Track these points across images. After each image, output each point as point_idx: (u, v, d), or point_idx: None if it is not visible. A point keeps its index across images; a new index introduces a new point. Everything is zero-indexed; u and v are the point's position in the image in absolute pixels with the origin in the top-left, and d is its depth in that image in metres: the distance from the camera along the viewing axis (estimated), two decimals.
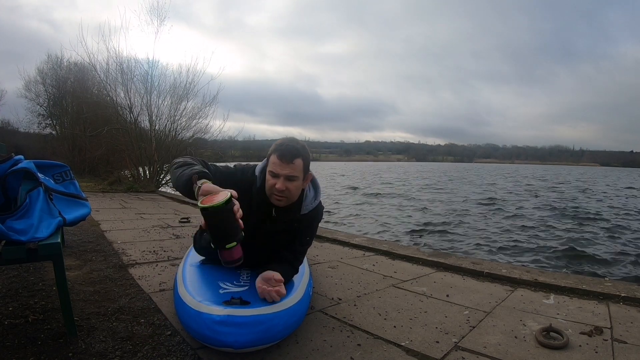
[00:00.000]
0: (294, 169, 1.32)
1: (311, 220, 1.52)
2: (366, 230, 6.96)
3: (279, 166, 1.32)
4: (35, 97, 14.37)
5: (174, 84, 8.91)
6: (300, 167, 1.34)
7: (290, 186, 1.33)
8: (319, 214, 1.55)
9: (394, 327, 1.51)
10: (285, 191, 1.33)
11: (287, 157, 1.31)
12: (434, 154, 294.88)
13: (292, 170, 1.32)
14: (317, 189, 1.53)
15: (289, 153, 1.32)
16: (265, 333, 1.14)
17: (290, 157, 1.31)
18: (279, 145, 1.35)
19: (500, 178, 29.94)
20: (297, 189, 1.37)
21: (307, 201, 1.47)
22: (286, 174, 1.32)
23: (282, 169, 1.31)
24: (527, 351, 1.33)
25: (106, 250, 2.52)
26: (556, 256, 5.04)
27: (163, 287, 1.82)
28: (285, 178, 1.32)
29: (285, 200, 1.37)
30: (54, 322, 1.36)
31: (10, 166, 1.49)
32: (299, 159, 1.33)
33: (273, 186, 1.33)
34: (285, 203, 1.39)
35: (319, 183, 1.55)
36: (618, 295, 1.90)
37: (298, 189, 1.38)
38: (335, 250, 2.95)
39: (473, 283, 2.19)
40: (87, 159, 11.36)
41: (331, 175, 30.90)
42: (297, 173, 1.34)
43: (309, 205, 1.47)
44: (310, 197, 1.48)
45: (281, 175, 1.32)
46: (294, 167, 1.32)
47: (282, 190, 1.32)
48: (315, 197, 1.50)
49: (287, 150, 1.32)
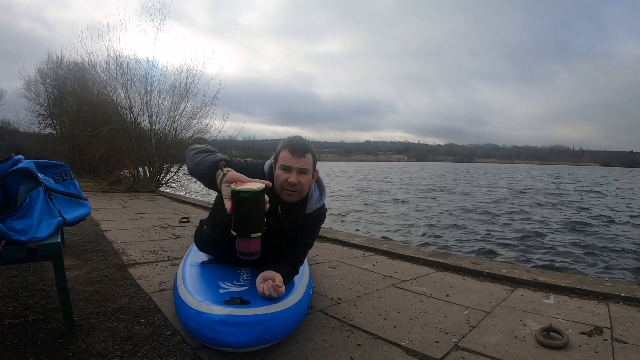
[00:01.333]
0: (305, 163, 1.37)
1: (314, 221, 1.54)
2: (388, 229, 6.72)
3: (291, 160, 1.35)
4: (35, 97, 14.37)
5: (174, 83, 8.91)
6: (311, 161, 1.39)
7: (302, 180, 1.37)
8: (322, 215, 1.58)
9: (394, 327, 1.51)
10: (297, 185, 1.36)
11: (299, 151, 1.36)
12: (434, 154, 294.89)
13: (303, 164, 1.36)
14: (323, 190, 1.55)
15: (300, 148, 1.37)
16: (265, 333, 1.14)
17: (301, 151, 1.36)
18: (289, 142, 1.39)
19: (531, 179, 27.37)
20: (307, 184, 1.41)
21: (312, 201, 1.49)
22: (299, 167, 1.35)
23: (294, 162, 1.35)
24: (527, 351, 1.33)
25: (106, 250, 2.52)
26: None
27: (163, 287, 1.82)
28: (298, 172, 1.35)
29: (296, 195, 1.39)
30: (54, 322, 1.36)
31: (10, 166, 1.48)
32: (309, 153, 1.39)
33: (285, 181, 1.35)
34: (297, 198, 1.41)
35: (324, 184, 1.57)
36: (618, 295, 1.90)
37: (309, 183, 1.42)
38: (335, 250, 2.95)
39: (473, 283, 2.19)
40: (87, 159, 11.36)
41: (341, 177, 28.22)
42: (309, 167, 1.38)
43: (313, 205, 1.49)
44: (315, 197, 1.50)
45: (294, 169, 1.35)
46: (306, 161, 1.37)
47: (295, 184, 1.35)
48: (320, 198, 1.52)
49: (298, 145, 1.37)
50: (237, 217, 1.03)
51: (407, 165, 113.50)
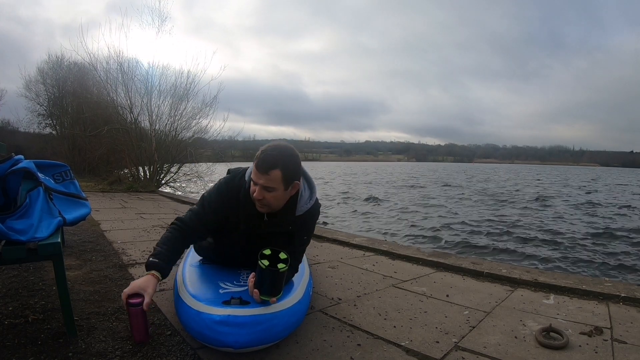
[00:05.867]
0: (269, 180, 1.26)
1: (308, 220, 1.47)
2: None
3: (255, 175, 1.28)
4: (35, 97, 14.35)
5: (174, 84, 8.93)
6: (278, 178, 1.26)
7: (268, 196, 1.29)
8: (316, 212, 1.51)
9: (394, 327, 1.51)
10: (263, 200, 1.30)
11: (262, 168, 1.26)
12: (434, 154, 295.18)
13: (267, 181, 1.26)
14: (313, 188, 1.48)
15: (264, 164, 1.26)
16: (265, 333, 1.14)
17: (265, 168, 1.25)
18: (260, 153, 1.29)
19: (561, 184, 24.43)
20: (276, 200, 1.32)
21: (302, 202, 1.42)
22: (262, 184, 1.27)
23: (257, 178, 1.27)
24: (527, 351, 1.33)
25: (106, 250, 2.52)
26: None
27: (163, 287, 1.82)
28: (262, 187, 1.28)
29: (266, 208, 1.34)
30: (54, 322, 1.36)
31: (10, 166, 1.48)
32: (277, 170, 1.25)
33: (253, 193, 1.31)
34: (267, 211, 1.36)
35: (314, 182, 1.51)
36: (618, 295, 1.90)
37: (278, 199, 1.33)
38: (335, 250, 2.95)
39: (473, 283, 2.19)
40: (87, 159, 11.36)
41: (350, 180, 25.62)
42: (274, 184, 1.27)
43: (304, 206, 1.42)
44: (306, 198, 1.44)
45: (258, 185, 1.28)
46: (269, 179, 1.26)
47: (260, 198, 1.29)
48: (310, 197, 1.45)
49: (263, 161, 1.26)
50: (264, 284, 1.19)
51: (404, 165, 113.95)
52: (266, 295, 1.18)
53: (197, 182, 9.69)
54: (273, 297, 1.19)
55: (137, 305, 1.20)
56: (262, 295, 1.18)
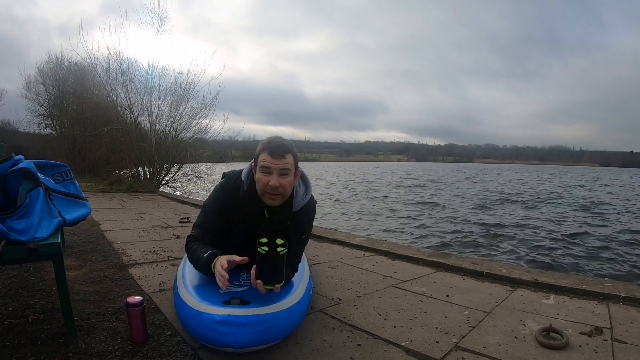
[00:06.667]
0: (286, 163, 1.33)
1: (304, 217, 1.49)
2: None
3: (271, 162, 1.32)
4: (35, 97, 14.35)
5: (174, 84, 8.93)
6: (292, 161, 1.35)
7: (284, 182, 1.33)
8: (312, 209, 1.53)
9: (394, 327, 1.51)
10: (279, 187, 1.33)
11: (279, 152, 1.32)
12: (434, 154, 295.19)
13: (284, 164, 1.32)
14: (307, 184, 1.51)
15: (280, 149, 1.33)
16: (265, 333, 1.14)
17: (281, 152, 1.32)
18: (268, 144, 1.34)
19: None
20: (290, 185, 1.37)
21: (297, 198, 1.44)
22: (280, 168, 1.31)
23: (274, 163, 1.31)
24: (527, 351, 1.33)
25: (106, 250, 2.52)
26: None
27: (163, 287, 1.82)
28: (279, 173, 1.32)
29: (279, 197, 1.36)
30: (54, 322, 1.36)
31: (10, 166, 1.48)
32: (290, 154, 1.34)
33: (266, 184, 1.32)
34: (280, 201, 1.38)
35: (309, 179, 1.54)
36: (618, 296, 1.90)
37: (291, 184, 1.38)
38: (335, 250, 2.95)
39: (473, 283, 2.19)
40: (87, 159, 11.36)
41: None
42: (290, 167, 1.34)
43: (300, 202, 1.45)
44: (301, 194, 1.46)
45: (274, 171, 1.31)
46: (286, 162, 1.33)
47: (276, 187, 1.32)
48: (306, 193, 1.48)
49: (278, 147, 1.33)
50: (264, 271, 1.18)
51: (404, 165, 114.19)
52: (269, 283, 1.17)
53: (197, 182, 9.70)
54: (277, 284, 1.17)
55: (136, 305, 1.23)
56: (266, 284, 1.17)
